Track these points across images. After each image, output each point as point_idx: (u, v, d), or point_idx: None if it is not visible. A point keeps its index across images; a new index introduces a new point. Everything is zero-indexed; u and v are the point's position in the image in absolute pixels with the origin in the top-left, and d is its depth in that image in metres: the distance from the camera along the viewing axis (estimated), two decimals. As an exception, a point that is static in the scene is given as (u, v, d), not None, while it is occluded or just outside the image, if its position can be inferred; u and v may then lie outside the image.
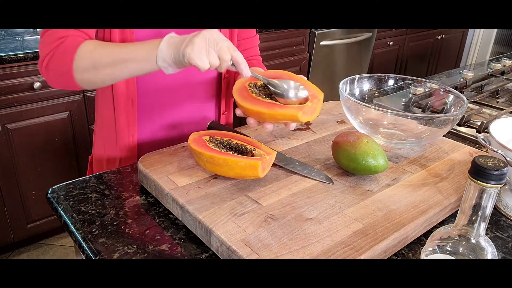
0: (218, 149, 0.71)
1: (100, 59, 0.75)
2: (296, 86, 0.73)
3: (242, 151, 0.73)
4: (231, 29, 0.97)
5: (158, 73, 0.91)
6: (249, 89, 0.75)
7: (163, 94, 0.94)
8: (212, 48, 0.69)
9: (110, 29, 0.83)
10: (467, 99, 1.07)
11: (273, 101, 0.72)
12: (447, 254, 0.49)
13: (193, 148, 0.71)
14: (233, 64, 0.71)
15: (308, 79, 2.78)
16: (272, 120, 0.72)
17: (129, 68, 0.74)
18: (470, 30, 3.93)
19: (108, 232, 0.66)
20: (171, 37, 0.72)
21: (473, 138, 1.04)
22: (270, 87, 0.73)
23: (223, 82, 1.00)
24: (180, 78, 0.94)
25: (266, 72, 0.80)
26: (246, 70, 0.71)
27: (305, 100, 0.73)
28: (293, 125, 0.75)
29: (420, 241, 0.66)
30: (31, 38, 1.89)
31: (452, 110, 0.93)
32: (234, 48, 0.70)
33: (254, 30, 1.06)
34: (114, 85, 0.88)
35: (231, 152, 0.71)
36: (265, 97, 0.74)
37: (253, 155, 0.72)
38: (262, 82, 0.75)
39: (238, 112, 0.76)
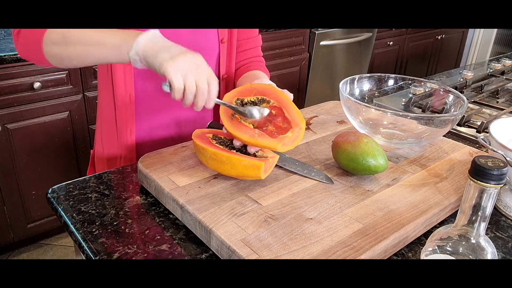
0: (221, 147, 0.71)
1: (71, 36, 0.74)
2: (260, 112, 0.72)
3: (245, 152, 0.73)
4: (231, 29, 0.97)
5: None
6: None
7: (162, 93, 0.94)
8: (192, 74, 0.67)
9: None
10: (467, 99, 1.07)
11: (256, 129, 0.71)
12: (447, 254, 0.49)
13: (197, 144, 0.71)
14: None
15: (308, 79, 2.75)
16: (253, 146, 0.71)
17: (99, 52, 0.73)
18: (470, 30, 3.93)
19: (108, 232, 0.66)
20: (155, 36, 0.71)
21: (473, 138, 1.04)
22: (235, 110, 0.72)
23: (221, 83, 1.00)
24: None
25: (252, 85, 0.76)
26: (210, 103, 0.71)
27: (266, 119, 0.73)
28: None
29: (420, 241, 0.66)
30: (31, 38, 1.88)
31: (452, 110, 0.93)
32: (213, 78, 0.70)
33: (256, 30, 1.05)
34: (114, 80, 0.88)
35: (234, 151, 0.71)
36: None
37: (255, 157, 0.72)
38: (248, 99, 0.74)
39: (225, 131, 0.74)
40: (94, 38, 0.73)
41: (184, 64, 0.67)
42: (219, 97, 1.02)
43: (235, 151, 0.71)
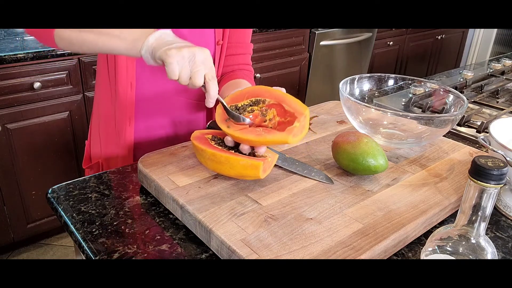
0: (220, 147, 0.71)
1: None
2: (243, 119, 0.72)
3: (243, 152, 0.72)
4: (226, 31, 0.96)
5: (157, 71, 0.91)
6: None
7: (159, 92, 0.94)
8: (189, 67, 0.69)
9: None
10: (467, 99, 1.07)
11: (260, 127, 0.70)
12: (447, 254, 0.49)
13: (196, 145, 0.71)
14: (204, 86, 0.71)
15: (308, 79, 2.75)
16: (263, 145, 0.70)
17: (113, 43, 0.74)
18: (470, 30, 3.93)
19: (108, 232, 0.66)
20: (165, 33, 0.72)
21: (473, 138, 1.04)
22: (229, 114, 0.72)
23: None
24: (164, 83, 0.93)
25: (242, 90, 0.76)
26: (210, 102, 0.71)
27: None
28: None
29: (420, 241, 0.66)
30: (31, 38, 1.89)
31: (452, 110, 0.93)
32: (213, 77, 0.70)
33: (249, 36, 1.03)
34: (116, 68, 0.88)
35: (233, 151, 0.71)
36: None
37: (254, 156, 0.72)
38: (242, 104, 0.73)
39: (229, 140, 0.72)
40: (110, 31, 0.74)
41: (184, 57, 0.68)
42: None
43: (233, 151, 0.71)
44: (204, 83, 0.70)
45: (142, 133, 0.96)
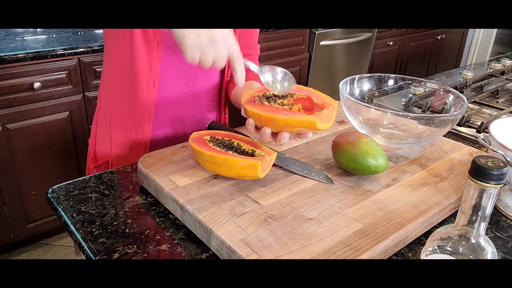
0: (218, 148, 0.71)
1: None
2: (284, 78, 0.74)
3: (242, 152, 0.73)
4: (234, 32, 0.95)
5: (177, 69, 0.91)
6: (259, 100, 0.73)
7: (178, 91, 0.93)
8: (211, 52, 0.68)
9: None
10: (467, 99, 1.07)
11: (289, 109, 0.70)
12: (447, 254, 0.49)
13: (194, 147, 0.71)
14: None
15: (308, 79, 2.75)
16: (287, 127, 0.68)
17: None
18: (470, 30, 3.93)
19: (108, 232, 0.66)
20: None
21: (473, 138, 1.04)
22: (262, 75, 0.74)
23: (223, 88, 1.00)
24: (183, 82, 0.93)
25: None
26: (240, 81, 0.72)
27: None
28: (310, 135, 0.71)
29: (420, 241, 0.66)
30: (31, 38, 1.89)
31: (452, 110, 0.93)
32: (238, 56, 0.70)
33: (256, 38, 1.03)
34: (140, 65, 0.87)
35: (231, 152, 0.71)
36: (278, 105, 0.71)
37: (253, 156, 0.72)
38: (271, 93, 0.74)
39: (251, 123, 0.71)
40: None
41: (203, 43, 0.68)
42: (219, 98, 1.02)
43: (231, 152, 0.71)
44: (230, 62, 0.71)
45: (157, 131, 0.96)
